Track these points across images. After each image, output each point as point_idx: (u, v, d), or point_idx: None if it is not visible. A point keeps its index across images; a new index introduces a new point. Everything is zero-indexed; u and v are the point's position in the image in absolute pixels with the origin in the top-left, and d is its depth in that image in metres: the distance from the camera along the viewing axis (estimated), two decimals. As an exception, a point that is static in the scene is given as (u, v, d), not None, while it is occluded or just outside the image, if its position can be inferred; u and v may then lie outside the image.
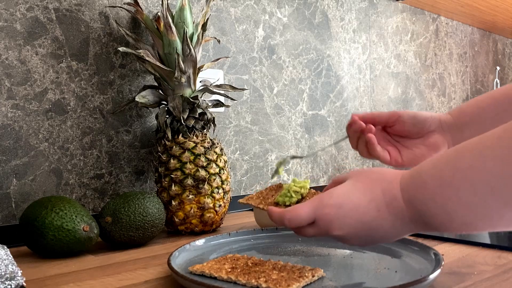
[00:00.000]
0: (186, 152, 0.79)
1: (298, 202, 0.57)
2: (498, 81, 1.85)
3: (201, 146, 0.80)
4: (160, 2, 0.94)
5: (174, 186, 0.78)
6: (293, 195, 0.57)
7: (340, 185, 0.49)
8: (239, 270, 0.50)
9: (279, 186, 0.62)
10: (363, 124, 0.65)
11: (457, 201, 0.39)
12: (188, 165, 0.78)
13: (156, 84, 0.88)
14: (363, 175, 0.49)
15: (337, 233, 0.47)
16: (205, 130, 0.85)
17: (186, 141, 0.80)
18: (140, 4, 0.88)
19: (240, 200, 0.61)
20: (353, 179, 0.49)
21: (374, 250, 0.60)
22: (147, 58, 0.79)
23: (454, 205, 0.39)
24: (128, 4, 0.86)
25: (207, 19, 0.87)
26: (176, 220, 0.79)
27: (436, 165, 0.42)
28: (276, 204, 0.58)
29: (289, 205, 0.56)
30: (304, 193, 0.58)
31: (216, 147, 0.83)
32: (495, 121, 0.64)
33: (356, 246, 0.49)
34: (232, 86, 0.89)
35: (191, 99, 0.82)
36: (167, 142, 0.81)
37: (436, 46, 1.70)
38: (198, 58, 0.84)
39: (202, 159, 0.79)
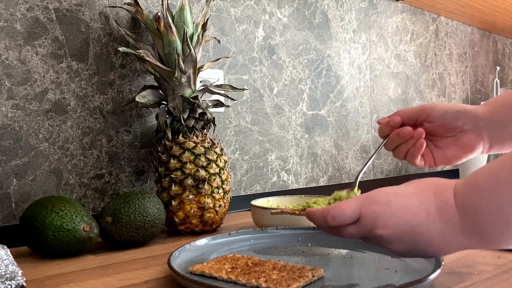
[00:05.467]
0: (186, 152, 0.79)
1: None
2: (498, 81, 1.85)
3: (201, 146, 0.80)
4: (160, 2, 0.94)
5: (174, 186, 0.78)
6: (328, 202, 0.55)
7: (390, 186, 0.47)
8: (239, 270, 0.50)
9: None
10: (411, 130, 0.59)
11: None
12: (188, 165, 0.78)
13: (156, 84, 0.88)
14: (414, 180, 0.47)
15: (381, 232, 0.44)
16: (205, 130, 0.85)
17: (186, 141, 0.80)
18: (140, 4, 0.88)
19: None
20: (403, 184, 0.47)
21: (374, 250, 0.59)
22: (147, 58, 0.79)
23: (511, 207, 0.38)
24: (128, 4, 0.86)
25: (207, 19, 0.87)
26: (176, 220, 0.79)
27: (490, 168, 0.41)
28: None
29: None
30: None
31: (216, 147, 0.83)
32: None
33: (397, 253, 0.46)
34: (232, 86, 0.89)
35: (191, 99, 0.82)
36: (167, 142, 0.81)
37: (436, 46, 1.70)
38: (198, 58, 0.84)
39: (202, 159, 0.79)
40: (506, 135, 0.58)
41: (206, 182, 0.78)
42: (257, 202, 0.83)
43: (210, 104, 0.88)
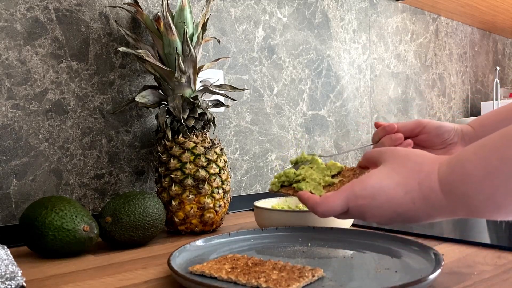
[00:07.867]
0: (186, 152, 0.79)
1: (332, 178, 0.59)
2: (498, 81, 1.85)
3: (201, 146, 0.80)
4: (160, 2, 0.94)
5: (174, 186, 0.78)
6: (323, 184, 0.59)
7: (373, 172, 0.49)
8: (239, 270, 0.50)
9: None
10: (402, 136, 0.69)
11: (506, 191, 0.38)
12: (188, 165, 0.78)
13: (156, 84, 0.88)
14: (399, 163, 0.48)
15: (371, 220, 0.48)
16: (205, 130, 0.85)
17: (186, 141, 0.80)
18: (140, 4, 0.88)
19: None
20: (387, 167, 0.48)
21: (374, 250, 0.60)
22: (147, 58, 0.79)
23: (502, 195, 0.39)
24: (128, 4, 0.86)
25: (207, 19, 0.87)
26: (176, 220, 0.79)
27: (479, 154, 0.40)
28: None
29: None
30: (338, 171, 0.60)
31: (216, 147, 0.83)
32: None
33: (378, 224, 0.51)
34: (232, 86, 0.89)
35: (191, 99, 0.82)
36: (167, 142, 0.81)
37: (436, 46, 1.70)
38: (198, 58, 0.84)
39: (202, 159, 0.79)
40: None
41: (206, 182, 0.78)
42: (261, 203, 0.83)
43: (210, 104, 0.88)
